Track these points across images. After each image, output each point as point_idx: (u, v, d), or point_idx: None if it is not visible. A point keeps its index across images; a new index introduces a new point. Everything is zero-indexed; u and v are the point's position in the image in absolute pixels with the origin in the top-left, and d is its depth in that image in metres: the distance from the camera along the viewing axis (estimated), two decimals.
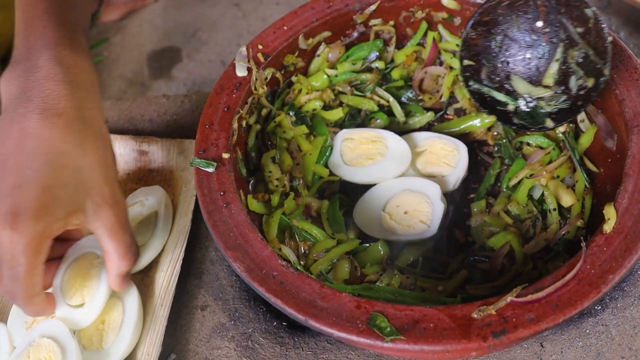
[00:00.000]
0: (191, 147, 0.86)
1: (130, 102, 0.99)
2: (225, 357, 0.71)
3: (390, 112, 0.89)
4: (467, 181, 0.82)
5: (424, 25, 0.87)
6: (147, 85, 1.30)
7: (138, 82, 1.30)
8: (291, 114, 0.84)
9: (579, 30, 0.64)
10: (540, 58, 0.65)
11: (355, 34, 0.87)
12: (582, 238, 0.57)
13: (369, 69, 0.89)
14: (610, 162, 0.70)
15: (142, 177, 0.89)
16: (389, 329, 0.53)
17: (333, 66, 0.87)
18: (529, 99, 0.66)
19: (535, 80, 0.66)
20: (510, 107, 0.67)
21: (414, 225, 0.76)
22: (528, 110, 0.65)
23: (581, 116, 0.76)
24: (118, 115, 0.97)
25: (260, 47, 0.80)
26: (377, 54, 0.88)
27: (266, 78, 0.80)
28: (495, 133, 0.84)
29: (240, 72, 0.77)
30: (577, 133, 0.77)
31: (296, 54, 0.83)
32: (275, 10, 1.25)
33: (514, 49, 0.67)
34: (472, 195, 0.81)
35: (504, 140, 0.82)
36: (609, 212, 0.58)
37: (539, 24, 0.64)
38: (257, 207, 0.74)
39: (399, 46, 0.89)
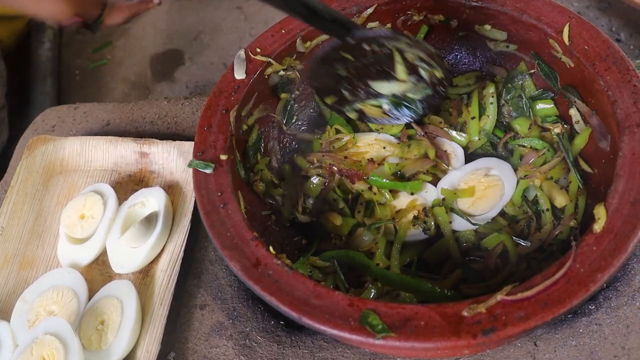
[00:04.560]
0: (191, 149, 0.87)
1: (132, 104, 1.00)
2: (223, 356, 0.73)
3: None
4: None
5: (424, 28, 0.88)
6: (150, 88, 1.31)
7: (141, 85, 1.31)
8: None
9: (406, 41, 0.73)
10: (385, 63, 0.72)
11: None
12: (572, 238, 0.58)
13: None
14: (604, 163, 0.71)
15: (143, 178, 0.90)
16: (380, 327, 0.54)
17: None
18: (397, 95, 0.72)
19: (391, 78, 0.72)
20: (385, 107, 0.72)
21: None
22: (401, 104, 0.72)
23: (576, 117, 0.76)
24: (120, 117, 0.98)
25: (258, 50, 0.81)
26: None
27: None
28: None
29: (239, 75, 0.79)
30: (572, 134, 0.78)
31: (294, 56, 0.84)
32: (277, 13, 1.25)
33: (362, 68, 0.73)
34: None
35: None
36: (599, 212, 0.58)
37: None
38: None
39: None
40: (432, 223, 0.76)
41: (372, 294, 0.71)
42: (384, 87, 0.71)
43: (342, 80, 0.72)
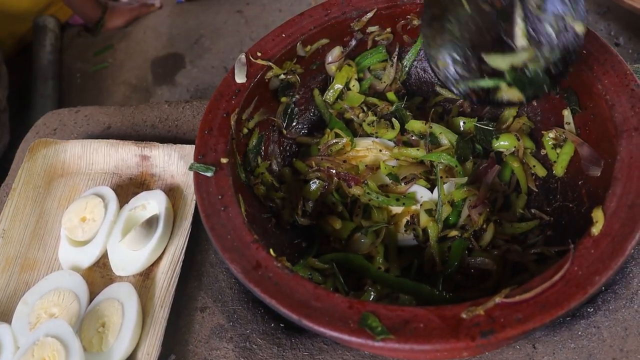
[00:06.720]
0: (192, 153, 0.87)
1: (133, 108, 1.01)
2: (223, 358, 0.73)
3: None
4: None
5: None
6: (150, 91, 1.32)
7: (142, 88, 1.32)
8: None
9: None
10: (502, 23, 0.60)
11: (354, 42, 0.88)
12: (570, 241, 0.58)
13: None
14: (603, 167, 0.71)
15: (144, 181, 0.91)
16: (380, 329, 0.54)
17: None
18: (517, 68, 0.62)
19: (508, 48, 0.62)
20: (503, 85, 0.64)
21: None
22: (524, 77, 0.62)
23: (567, 119, 0.76)
24: (121, 121, 0.99)
25: (259, 54, 0.81)
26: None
27: None
28: None
29: (240, 78, 0.79)
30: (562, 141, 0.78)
31: (294, 60, 0.84)
32: (277, 17, 1.26)
33: (473, 28, 0.62)
34: None
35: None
36: (597, 215, 0.59)
37: None
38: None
39: (401, 55, 0.91)
40: (420, 231, 0.77)
41: (372, 296, 0.71)
42: (500, 62, 0.61)
43: (454, 48, 0.62)
